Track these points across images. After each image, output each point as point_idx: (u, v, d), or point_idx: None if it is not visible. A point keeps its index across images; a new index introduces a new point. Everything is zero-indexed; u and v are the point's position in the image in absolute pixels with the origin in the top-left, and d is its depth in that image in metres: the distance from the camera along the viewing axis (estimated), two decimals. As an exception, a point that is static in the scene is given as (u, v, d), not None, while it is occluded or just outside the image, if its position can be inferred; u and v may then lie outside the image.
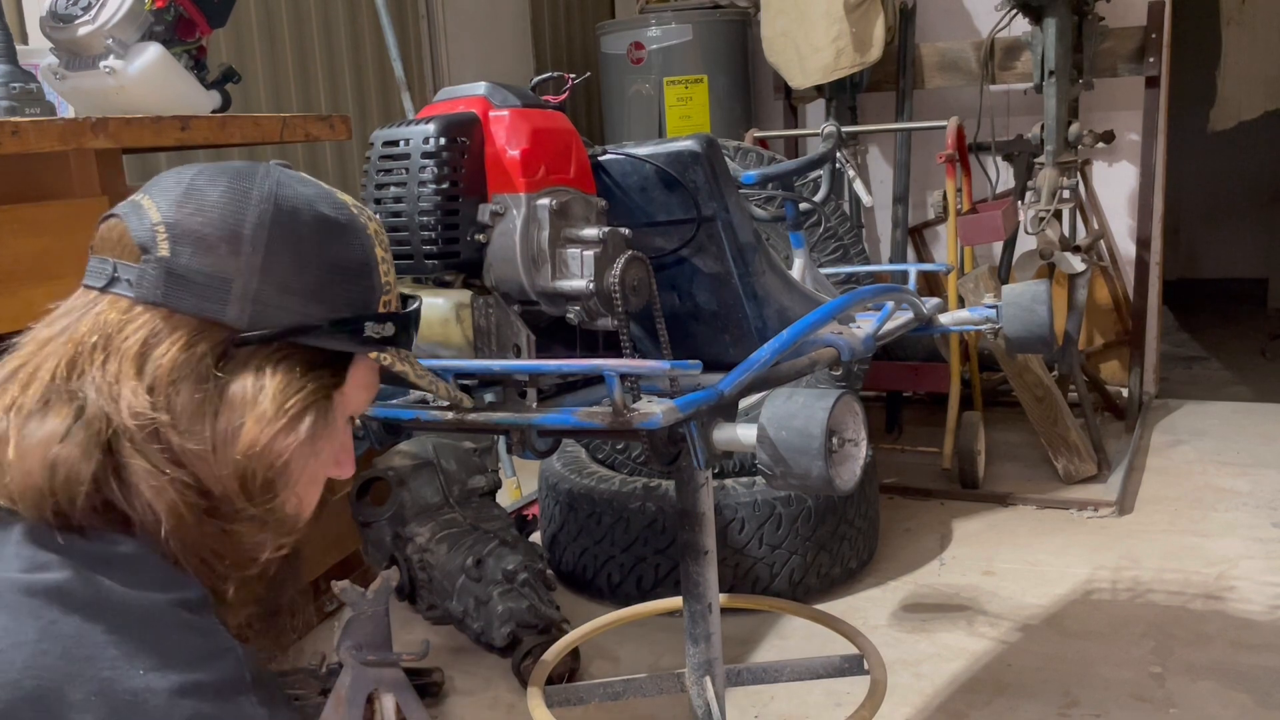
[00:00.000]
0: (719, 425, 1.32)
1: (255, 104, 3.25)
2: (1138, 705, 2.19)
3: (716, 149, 1.41)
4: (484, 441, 2.61)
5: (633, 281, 1.30)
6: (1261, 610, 2.56)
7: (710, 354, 1.45)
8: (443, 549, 2.41)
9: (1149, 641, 2.44)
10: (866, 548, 2.87)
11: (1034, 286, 1.89)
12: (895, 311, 1.78)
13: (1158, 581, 2.74)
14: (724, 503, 2.62)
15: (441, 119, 1.29)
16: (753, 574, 2.64)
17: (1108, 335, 4.40)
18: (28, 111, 1.67)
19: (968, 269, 3.49)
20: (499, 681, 2.40)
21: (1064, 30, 3.31)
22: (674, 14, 4.24)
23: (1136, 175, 4.15)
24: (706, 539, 1.73)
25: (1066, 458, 3.43)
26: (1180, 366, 4.96)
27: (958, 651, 2.45)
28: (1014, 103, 3.91)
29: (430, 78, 4.07)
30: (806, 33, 3.76)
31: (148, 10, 1.74)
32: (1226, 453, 3.68)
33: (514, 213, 1.31)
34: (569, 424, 1.26)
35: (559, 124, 1.37)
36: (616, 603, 2.62)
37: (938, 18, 4.32)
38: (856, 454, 1.31)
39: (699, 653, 1.77)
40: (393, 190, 1.30)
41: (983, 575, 2.85)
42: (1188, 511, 3.19)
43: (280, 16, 3.39)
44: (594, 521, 2.72)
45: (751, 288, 1.46)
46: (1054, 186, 3.35)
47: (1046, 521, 3.20)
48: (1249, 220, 6.56)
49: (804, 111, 4.59)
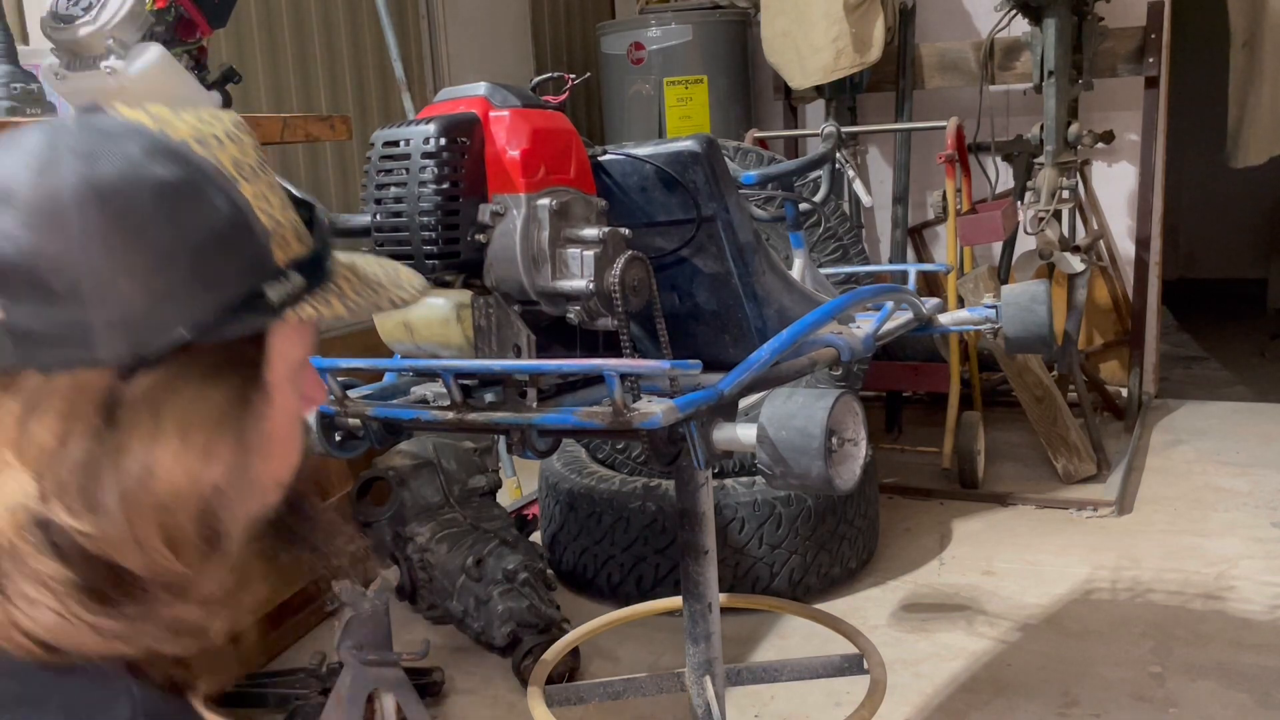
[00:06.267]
0: (719, 425, 1.32)
1: (255, 104, 3.25)
2: (1137, 705, 2.19)
3: (716, 149, 1.41)
4: (484, 441, 2.61)
5: (633, 281, 1.31)
6: (1261, 610, 2.56)
7: (710, 354, 1.45)
8: (443, 549, 2.41)
9: (1148, 641, 2.44)
10: (866, 547, 2.88)
11: (1033, 286, 1.89)
12: (895, 311, 1.78)
13: (1157, 581, 2.74)
14: (724, 503, 2.62)
15: (442, 119, 1.30)
16: (753, 574, 2.64)
17: (1107, 335, 4.40)
18: (29, 112, 1.67)
19: (967, 269, 3.49)
20: (499, 681, 2.40)
21: (1064, 30, 3.31)
22: (674, 14, 4.24)
23: (1136, 175, 4.15)
24: (706, 539, 1.73)
25: (1066, 458, 3.43)
26: (1180, 366, 4.96)
27: (957, 651, 2.45)
28: (1014, 103, 3.91)
29: (430, 78, 4.07)
30: (806, 33, 3.77)
31: (148, 11, 1.75)
32: (1226, 453, 3.68)
33: (514, 213, 1.31)
34: (569, 424, 1.26)
35: (559, 124, 1.37)
36: (616, 602, 2.62)
37: (937, 18, 4.32)
38: (856, 454, 1.32)
39: (699, 652, 1.78)
40: (393, 190, 1.30)
41: (982, 575, 2.85)
42: (1187, 511, 3.19)
43: (280, 16, 3.39)
44: (594, 521, 2.72)
45: (751, 288, 1.46)
46: (1053, 187, 3.35)
47: (1046, 521, 3.20)
48: (1249, 220, 6.56)
49: (804, 112, 4.59)
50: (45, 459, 0.67)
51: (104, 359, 0.67)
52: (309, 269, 0.76)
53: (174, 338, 0.68)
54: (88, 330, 0.66)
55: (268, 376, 0.75)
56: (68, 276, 0.65)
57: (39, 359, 0.67)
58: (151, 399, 0.68)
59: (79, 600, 0.66)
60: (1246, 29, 3.74)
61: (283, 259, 0.74)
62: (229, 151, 0.73)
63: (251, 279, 0.72)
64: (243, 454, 0.73)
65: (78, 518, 0.67)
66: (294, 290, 0.74)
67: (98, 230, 0.66)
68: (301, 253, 0.76)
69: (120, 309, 0.66)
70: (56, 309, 0.66)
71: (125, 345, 0.67)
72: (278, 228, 0.74)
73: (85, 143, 0.68)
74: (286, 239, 0.75)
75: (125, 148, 0.69)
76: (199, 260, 0.69)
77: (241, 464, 0.73)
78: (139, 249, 0.67)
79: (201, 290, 0.69)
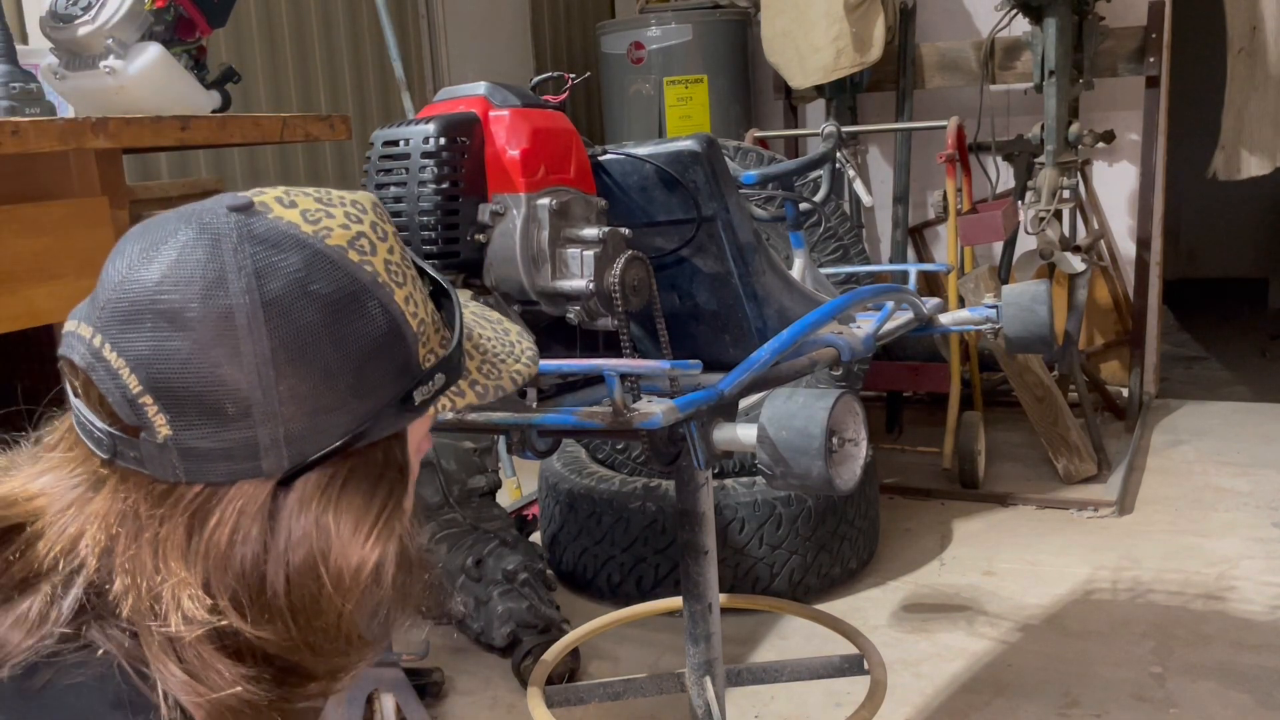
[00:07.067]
0: (719, 425, 1.32)
1: (255, 104, 3.25)
2: (1138, 705, 2.19)
3: (716, 149, 1.41)
4: (484, 441, 2.61)
5: (633, 281, 1.30)
6: (1262, 610, 2.56)
7: (710, 354, 1.45)
8: (443, 549, 2.41)
9: (1149, 641, 2.44)
10: (866, 548, 2.87)
11: (1034, 286, 1.89)
12: (895, 311, 1.78)
13: (1158, 581, 2.74)
14: (724, 503, 2.62)
15: (441, 119, 1.29)
16: (753, 574, 2.64)
17: (1108, 335, 4.40)
18: (28, 111, 1.66)
19: (968, 269, 3.49)
20: (499, 681, 2.40)
21: (1064, 30, 3.31)
22: (674, 14, 4.24)
23: (1136, 175, 4.15)
24: (706, 539, 1.73)
25: (1067, 458, 3.43)
26: (1180, 366, 4.96)
27: (958, 651, 2.45)
28: (1014, 103, 3.91)
29: (430, 78, 4.07)
30: (806, 33, 3.76)
31: (148, 10, 1.74)
32: (1227, 453, 3.68)
33: (514, 213, 1.30)
34: (569, 424, 1.26)
35: (559, 124, 1.37)
36: (616, 603, 2.62)
37: (938, 18, 4.32)
38: (856, 454, 1.31)
39: (699, 653, 1.77)
40: (393, 190, 1.30)
41: (983, 575, 2.85)
42: (1188, 511, 3.19)
43: (280, 16, 3.39)
44: (594, 521, 2.72)
45: (751, 288, 1.46)
46: (1054, 186, 3.35)
47: (1047, 521, 3.20)
48: (1249, 220, 6.56)
49: (804, 111, 4.59)
50: (216, 568, 0.69)
51: (268, 471, 0.69)
52: (448, 365, 0.79)
53: (331, 447, 0.71)
54: (255, 447, 0.69)
55: (407, 459, 0.79)
56: (239, 399, 0.68)
57: (207, 474, 0.69)
58: (317, 506, 0.71)
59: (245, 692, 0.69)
60: (1245, 34, 3.69)
61: (425, 357, 0.76)
62: (380, 255, 0.74)
63: (401, 384, 0.74)
64: (399, 531, 0.76)
65: (256, 626, 0.69)
66: (437, 389, 0.77)
67: (267, 354, 0.68)
68: (441, 350, 0.78)
69: (285, 426, 0.69)
70: (227, 430, 0.68)
71: (288, 457, 0.69)
72: (423, 328, 0.76)
73: (250, 256, 0.69)
74: (429, 338, 0.77)
75: (288, 261, 0.69)
76: (359, 375, 0.71)
77: (400, 541, 0.76)
78: (306, 369, 0.69)
79: (357, 401, 0.72)
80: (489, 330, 0.89)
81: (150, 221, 0.73)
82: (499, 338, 0.89)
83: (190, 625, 0.67)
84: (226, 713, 0.68)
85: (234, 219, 0.70)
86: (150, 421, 0.68)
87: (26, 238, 1.58)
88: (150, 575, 0.68)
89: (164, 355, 0.67)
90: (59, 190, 1.70)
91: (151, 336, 0.67)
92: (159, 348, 0.67)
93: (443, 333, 0.79)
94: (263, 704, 0.70)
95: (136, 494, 0.70)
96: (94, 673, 0.67)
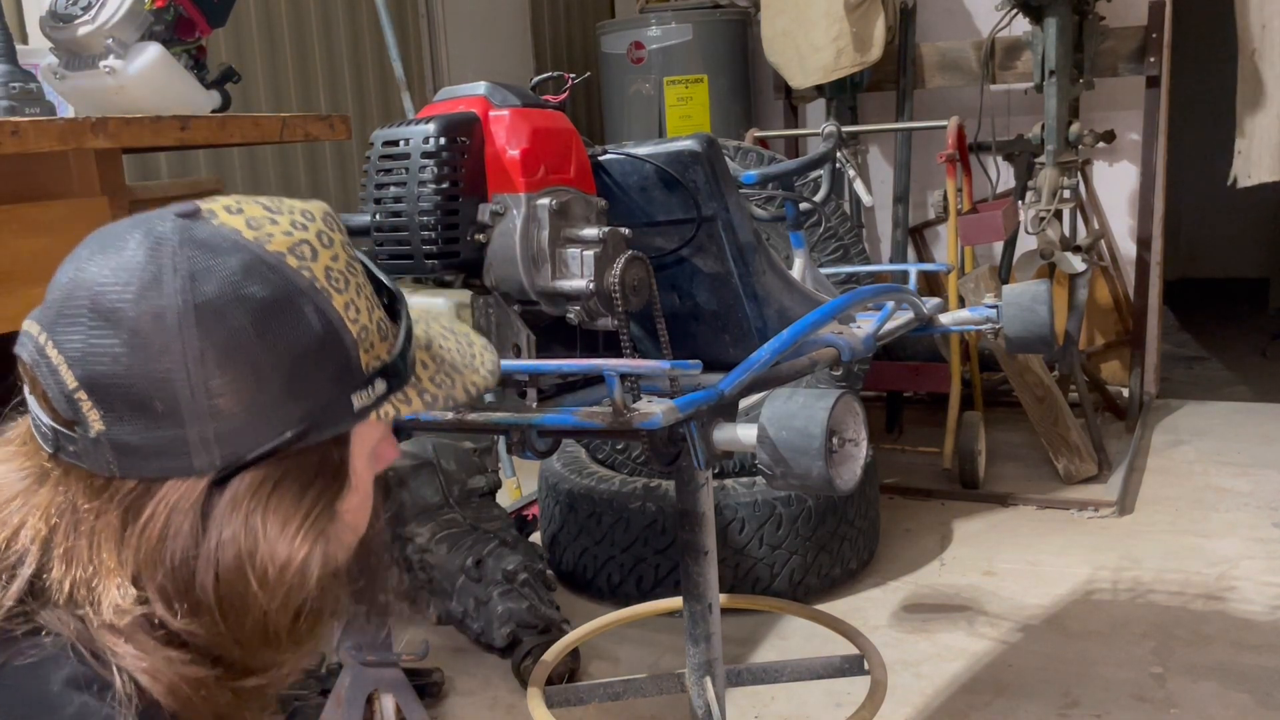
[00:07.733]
0: (719, 425, 1.32)
1: (255, 104, 3.25)
2: (1138, 705, 2.19)
3: (716, 149, 1.41)
4: (484, 441, 2.61)
5: (633, 281, 1.30)
6: (1262, 610, 2.55)
7: (710, 354, 1.45)
8: (443, 549, 2.41)
9: (1149, 642, 2.44)
10: (867, 548, 2.87)
11: (1034, 286, 1.88)
12: (895, 311, 1.78)
13: (1158, 582, 2.74)
14: (724, 503, 2.62)
15: (441, 119, 1.29)
16: (753, 574, 2.64)
17: (1108, 335, 4.40)
18: (28, 111, 1.66)
19: (968, 269, 3.49)
20: (499, 681, 2.40)
21: (1064, 30, 3.31)
22: (674, 14, 4.24)
23: (1137, 175, 4.15)
24: (706, 539, 1.73)
25: (1067, 458, 3.43)
26: (1181, 366, 4.96)
27: (958, 652, 2.45)
28: (1014, 102, 3.91)
29: (430, 78, 4.07)
30: (806, 32, 3.76)
31: (147, 10, 1.74)
32: (1227, 453, 3.67)
33: (514, 212, 1.30)
34: (569, 424, 1.26)
35: (559, 124, 1.37)
36: (616, 603, 2.62)
37: (938, 17, 4.32)
38: (856, 454, 1.31)
39: (699, 653, 1.77)
40: (393, 190, 1.30)
41: (983, 575, 2.85)
42: (1188, 511, 3.19)
43: (280, 16, 3.39)
44: (594, 521, 2.72)
45: (751, 288, 1.46)
46: (1054, 186, 3.35)
47: (1047, 521, 3.20)
48: (1249, 220, 6.55)
49: (804, 111, 4.59)
50: (146, 562, 0.71)
51: (199, 469, 0.71)
52: (391, 371, 0.80)
53: (264, 448, 0.72)
54: (185, 445, 0.70)
55: (350, 464, 0.79)
56: (168, 397, 0.70)
57: (139, 470, 0.71)
58: (247, 506, 0.73)
59: (184, 672, 0.72)
60: (1257, 34, 3.64)
61: (368, 363, 0.77)
62: (322, 261, 0.76)
63: (339, 388, 0.76)
64: (329, 534, 0.77)
65: (184, 619, 0.72)
66: (378, 396, 0.78)
67: (197, 353, 0.69)
68: (385, 357, 0.79)
69: (215, 425, 0.70)
70: (156, 426, 0.70)
71: (219, 457, 0.71)
72: (364, 334, 0.77)
73: (187, 259, 0.71)
74: (373, 343, 0.78)
75: (225, 265, 0.71)
76: (291, 377, 0.73)
77: (328, 544, 0.78)
78: (236, 370, 0.70)
79: (292, 404, 0.73)
80: (452, 342, 0.90)
81: (106, 227, 0.75)
82: (462, 349, 0.90)
83: (120, 614, 0.70)
84: (183, 685, 0.71)
85: (178, 224, 0.73)
86: (85, 417, 0.70)
87: (26, 238, 1.58)
88: (85, 565, 0.71)
89: (98, 352, 0.69)
90: (59, 190, 1.70)
91: (87, 334, 0.70)
92: (93, 344, 0.70)
93: (391, 341, 0.80)
94: (211, 681, 0.73)
95: (76, 487, 0.73)
96: (47, 654, 0.69)
